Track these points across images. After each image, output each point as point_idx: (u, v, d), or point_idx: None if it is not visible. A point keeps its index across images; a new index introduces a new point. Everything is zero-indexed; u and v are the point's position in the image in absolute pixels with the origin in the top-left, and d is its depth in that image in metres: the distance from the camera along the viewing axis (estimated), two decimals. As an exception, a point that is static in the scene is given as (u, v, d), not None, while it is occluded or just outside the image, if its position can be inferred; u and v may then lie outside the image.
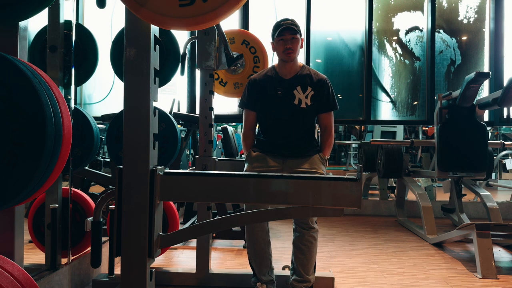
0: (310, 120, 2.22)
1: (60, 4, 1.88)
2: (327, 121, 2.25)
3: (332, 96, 2.22)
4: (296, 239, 2.12)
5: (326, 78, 2.24)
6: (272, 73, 2.22)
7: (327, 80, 2.23)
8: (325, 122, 2.25)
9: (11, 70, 1.06)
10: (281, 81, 2.18)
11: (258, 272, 2.13)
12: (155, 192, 1.18)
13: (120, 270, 1.19)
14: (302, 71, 2.20)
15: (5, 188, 1.06)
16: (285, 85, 2.17)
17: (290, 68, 2.18)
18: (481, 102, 3.52)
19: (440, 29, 4.67)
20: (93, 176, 2.89)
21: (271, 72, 2.23)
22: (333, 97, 2.24)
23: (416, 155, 7.17)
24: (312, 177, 1.24)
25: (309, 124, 2.23)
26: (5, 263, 1.00)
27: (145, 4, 0.98)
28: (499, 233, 2.91)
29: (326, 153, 2.25)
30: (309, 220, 2.10)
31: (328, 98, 2.20)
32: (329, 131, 2.26)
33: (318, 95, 2.18)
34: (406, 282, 2.43)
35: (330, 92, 2.22)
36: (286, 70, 2.18)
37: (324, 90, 2.19)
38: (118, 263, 2.02)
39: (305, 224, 2.10)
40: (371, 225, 4.07)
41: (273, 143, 2.19)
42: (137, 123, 1.16)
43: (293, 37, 2.09)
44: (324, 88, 2.19)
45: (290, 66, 2.17)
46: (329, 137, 2.26)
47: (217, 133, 6.58)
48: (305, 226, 2.09)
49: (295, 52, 2.13)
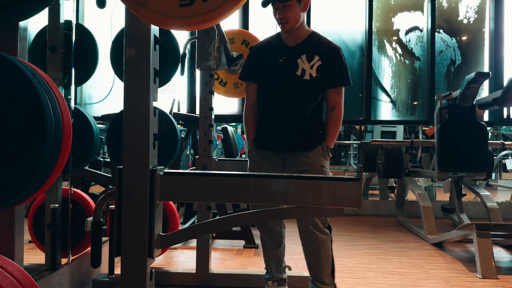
0: (314, 95, 1.89)
1: (60, 4, 1.88)
2: (335, 99, 1.90)
3: (343, 69, 1.88)
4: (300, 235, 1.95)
5: (339, 48, 1.91)
6: (276, 40, 1.96)
7: (339, 50, 1.90)
8: (332, 100, 1.90)
9: (11, 70, 1.06)
10: (284, 49, 1.91)
11: (270, 270, 2.10)
12: (155, 192, 1.18)
13: (120, 270, 1.19)
14: (310, 38, 1.91)
15: (5, 188, 1.06)
16: (288, 53, 1.90)
17: (294, 35, 1.90)
18: (481, 102, 3.52)
19: (440, 29, 4.67)
20: (93, 176, 2.89)
21: (274, 39, 1.98)
22: (345, 70, 1.89)
23: (416, 155, 7.16)
24: (312, 177, 1.24)
25: (313, 101, 1.89)
26: (5, 263, 1.00)
27: (145, 4, 0.98)
28: (499, 233, 2.91)
29: (329, 142, 1.90)
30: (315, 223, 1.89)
31: (337, 70, 1.87)
32: (336, 112, 1.89)
33: (327, 65, 1.86)
34: (406, 282, 2.43)
35: (342, 64, 1.88)
36: (290, 37, 1.91)
37: (334, 60, 1.87)
38: (118, 263, 2.02)
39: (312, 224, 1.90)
40: (371, 225, 4.07)
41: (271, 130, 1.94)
42: (137, 123, 1.16)
43: (285, 4, 1.79)
44: (335, 58, 1.87)
45: (294, 34, 1.89)
46: (334, 120, 1.90)
47: (217, 133, 6.58)
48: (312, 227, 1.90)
49: (291, 20, 1.83)
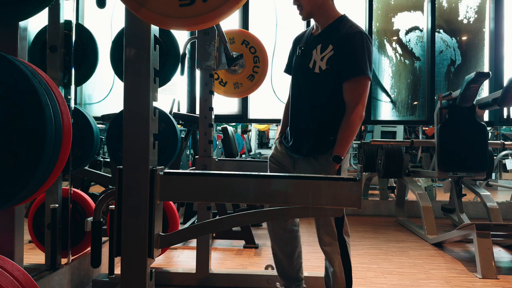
0: (323, 92, 1.62)
1: (60, 4, 1.88)
2: (348, 95, 1.57)
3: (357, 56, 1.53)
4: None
5: (358, 32, 1.56)
6: (310, 29, 1.76)
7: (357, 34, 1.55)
8: (346, 97, 1.57)
9: (11, 70, 1.06)
10: (307, 38, 1.72)
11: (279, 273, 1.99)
12: (155, 192, 1.18)
13: (120, 270, 1.18)
14: (334, 24, 1.61)
15: (5, 188, 1.06)
16: (307, 43, 1.70)
17: (318, 22, 1.66)
18: (481, 102, 3.52)
19: (440, 29, 4.67)
20: (93, 176, 2.89)
21: (311, 28, 1.77)
22: (362, 58, 1.54)
23: (416, 155, 7.16)
24: (312, 177, 1.24)
25: (323, 99, 1.63)
26: (5, 263, 1.00)
27: (145, 4, 0.98)
28: (499, 233, 2.91)
29: (336, 149, 1.57)
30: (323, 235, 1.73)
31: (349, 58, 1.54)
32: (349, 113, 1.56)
33: (339, 55, 1.56)
34: (406, 282, 2.43)
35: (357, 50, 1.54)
36: (317, 26, 1.69)
37: (349, 47, 1.54)
38: (118, 263, 2.02)
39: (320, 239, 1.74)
40: (371, 225, 4.07)
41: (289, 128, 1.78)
42: (137, 123, 1.16)
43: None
44: (350, 45, 1.54)
45: (318, 21, 1.66)
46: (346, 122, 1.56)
47: (217, 133, 6.58)
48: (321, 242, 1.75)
49: (305, 6, 1.61)
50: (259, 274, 2.33)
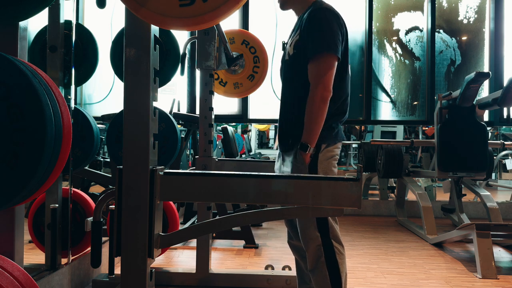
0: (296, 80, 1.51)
1: (60, 4, 1.88)
2: (311, 74, 1.42)
3: (320, 31, 1.40)
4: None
5: (322, 8, 1.44)
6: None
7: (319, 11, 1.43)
8: (309, 77, 1.43)
9: (11, 70, 1.06)
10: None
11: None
12: (155, 192, 1.18)
13: (120, 270, 1.18)
14: (306, 10, 1.51)
15: (5, 188, 1.06)
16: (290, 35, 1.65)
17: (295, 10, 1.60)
18: (481, 102, 3.52)
19: (440, 29, 4.67)
20: (93, 176, 2.89)
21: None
22: (323, 33, 1.40)
23: (416, 155, 7.17)
24: (312, 177, 1.24)
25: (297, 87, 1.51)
26: (5, 263, 1.00)
27: (145, 4, 0.98)
28: (499, 233, 2.91)
29: (304, 136, 1.44)
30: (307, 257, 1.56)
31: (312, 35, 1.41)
32: (311, 91, 1.41)
33: (303, 37, 1.45)
34: (406, 282, 2.43)
35: (318, 26, 1.40)
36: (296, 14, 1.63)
37: (311, 25, 1.42)
38: (118, 263, 2.02)
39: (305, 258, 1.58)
40: (371, 225, 4.07)
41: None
42: (137, 123, 1.16)
43: None
44: (311, 22, 1.42)
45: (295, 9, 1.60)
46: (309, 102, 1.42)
47: (217, 133, 6.58)
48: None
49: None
50: (259, 274, 2.33)
